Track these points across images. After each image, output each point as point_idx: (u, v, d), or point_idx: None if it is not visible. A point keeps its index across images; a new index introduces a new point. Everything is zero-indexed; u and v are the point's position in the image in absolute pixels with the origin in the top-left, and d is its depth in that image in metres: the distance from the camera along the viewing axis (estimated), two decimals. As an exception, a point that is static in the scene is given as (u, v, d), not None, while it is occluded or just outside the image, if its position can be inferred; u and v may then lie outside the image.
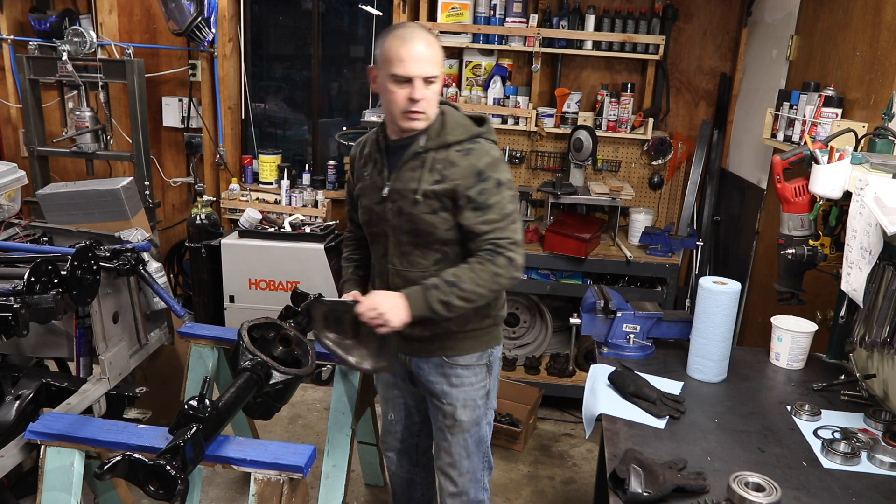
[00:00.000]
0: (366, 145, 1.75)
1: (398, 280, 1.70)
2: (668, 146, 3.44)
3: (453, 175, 1.60)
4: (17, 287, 1.78)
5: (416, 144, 1.63)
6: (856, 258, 1.53)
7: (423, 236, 1.64)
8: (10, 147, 3.84)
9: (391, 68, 1.53)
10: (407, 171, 1.63)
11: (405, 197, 1.63)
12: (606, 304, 1.95)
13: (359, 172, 1.75)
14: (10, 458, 1.76)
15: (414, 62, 1.51)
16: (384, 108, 1.63)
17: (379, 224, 1.69)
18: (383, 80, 1.57)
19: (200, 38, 3.43)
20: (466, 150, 1.62)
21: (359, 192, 1.74)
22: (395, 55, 1.52)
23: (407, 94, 1.54)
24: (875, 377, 1.75)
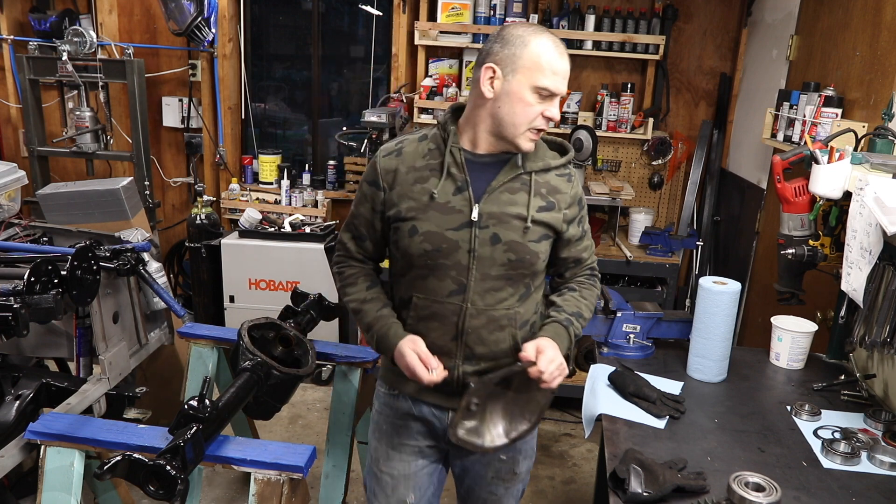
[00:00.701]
0: (416, 156, 1.40)
1: (478, 321, 1.39)
2: (668, 146, 3.44)
3: (560, 202, 1.42)
4: (17, 287, 1.78)
5: (513, 163, 1.39)
6: (856, 258, 1.53)
7: (522, 268, 1.39)
8: (10, 147, 3.84)
9: (539, 78, 1.29)
10: (505, 192, 1.37)
11: (505, 222, 1.36)
12: (606, 304, 1.95)
13: (403, 189, 1.38)
14: (10, 458, 1.76)
15: (564, 79, 1.33)
16: (495, 118, 1.35)
17: (453, 254, 1.36)
18: (518, 87, 1.31)
19: (200, 38, 3.43)
20: (567, 175, 1.45)
21: (407, 215, 1.37)
22: (548, 65, 1.29)
23: (545, 110, 1.33)
24: (875, 377, 1.75)
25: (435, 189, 1.36)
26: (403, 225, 1.38)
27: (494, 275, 1.38)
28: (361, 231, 1.47)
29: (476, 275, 1.37)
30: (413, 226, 1.37)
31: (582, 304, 1.47)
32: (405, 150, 1.42)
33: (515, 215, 1.37)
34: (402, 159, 1.41)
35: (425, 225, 1.36)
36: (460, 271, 1.37)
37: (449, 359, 1.40)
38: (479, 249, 1.36)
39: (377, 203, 1.42)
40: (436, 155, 1.39)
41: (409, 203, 1.37)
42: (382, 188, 1.41)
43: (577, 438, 3.16)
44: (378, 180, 1.41)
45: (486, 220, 1.36)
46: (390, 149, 1.44)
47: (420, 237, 1.36)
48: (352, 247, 1.50)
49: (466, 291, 1.38)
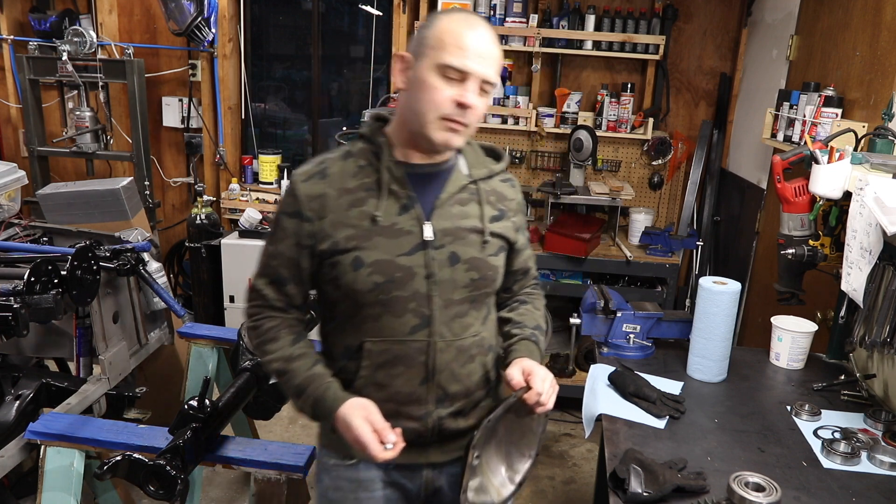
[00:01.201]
0: (345, 176, 1.20)
1: (448, 355, 1.22)
2: (668, 146, 3.44)
3: (509, 210, 1.29)
4: (18, 287, 1.78)
5: (458, 172, 1.24)
6: (856, 258, 1.53)
7: (485, 286, 1.24)
8: (10, 147, 3.84)
9: (443, 55, 1.11)
10: (455, 204, 1.22)
11: (461, 238, 1.21)
12: (606, 304, 1.95)
13: (336, 216, 1.18)
14: (10, 458, 1.76)
15: (477, 56, 1.12)
16: (406, 111, 1.19)
17: (409, 283, 1.17)
18: (423, 71, 1.13)
19: (200, 38, 3.43)
20: (509, 180, 1.33)
21: (347, 245, 1.17)
22: (453, 40, 1.11)
23: (455, 94, 1.12)
24: (875, 377, 1.75)
25: (376, 211, 1.17)
26: (344, 258, 1.17)
27: (458, 299, 1.21)
28: (282, 274, 1.22)
29: (439, 302, 1.19)
30: (356, 257, 1.16)
31: (538, 316, 1.36)
32: (330, 170, 1.21)
33: (471, 229, 1.22)
34: (328, 182, 1.20)
35: (371, 254, 1.16)
36: (421, 301, 1.18)
37: (419, 406, 1.22)
38: (438, 273, 1.18)
39: (303, 237, 1.19)
40: (369, 172, 1.20)
41: (348, 231, 1.17)
42: (308, 219, 1.18)
43: (577, 438, 3.16)
44: (301, 210, 1.18)
45: (440, 238, 1.19)
46: (310, 171, 1.21)
47: (367, 269, 1.16)
48: (270, 294, 1.24)
49: (432, 324, 1.19)
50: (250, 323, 1.27)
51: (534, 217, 3.54)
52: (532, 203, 3.51)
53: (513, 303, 1.38)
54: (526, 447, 1.25)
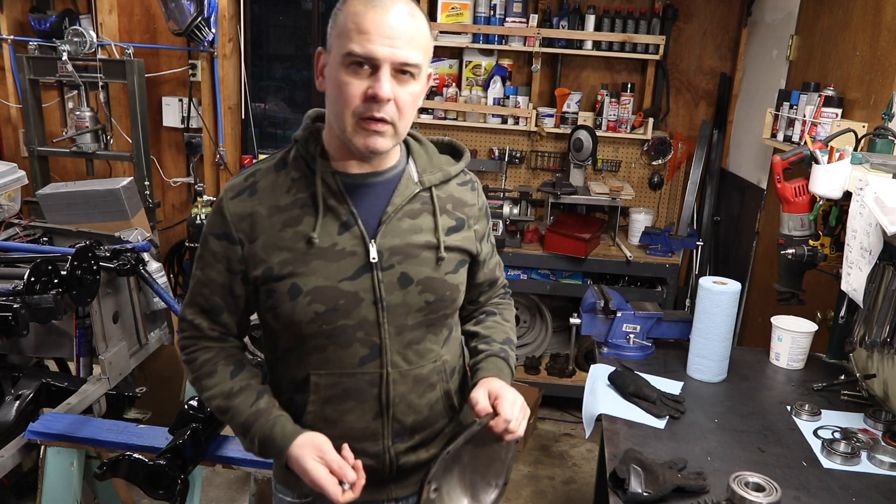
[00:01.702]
0: (277, 191, 1.06)
1: (404, 387, 1.11)
2: (668, 146, 3.44)
3: (469, 218, 1.16)
4: (18, 287, 1.78)
5: (406, 179, 1.09)
6: (856, 258, 1.53)
7: (443, 308, 1.11)
8: (11, 147, 3.85)
9: (346, 44, 0.96)
10: (405, 218, 1.08)
11: (412, 256, 1.08)
12: (606, 304, 1.95)
13: (269, 238, 1.05)
14: (10, 458, 1.76)
15: (383, 37, 0.95)
16: (328, 115, 1.05)
17: (355, 310, 1.05)
18: (332, 67, 0.99)
19: (200, 38, 3.43)
20: (469, 183, 1.19)
21: (282, 271, 1.04)
22: (354, 24, 0.95)
23: (365, 88, 0.96)
24: (875, 377, 1.75)
25: (313, 231, 1.03)
26: (279, 285, 1.04)
27: (412, 324, 1.09)
28: (214, 302, 1.10)
29: (390, 330, 1.07)
30: (293, 284, 1.03)
31: (508, 329, 1.26)
32: (260, 185, 1.07)
33: (424, 245, 1.08)
34: (258, 199, 1.06)
35: (310, 280, 1.03)
36: (369, 330, 1.06)
37: (374, 442, 1.11)
38: (387, 297, 1.06)
39: (234, 262, 1.07)
40: (303, 186, 1.06)
41: (282, 255, 1.04)
42: (238, 241, 1.05)
43: (577, 438, 3.16)
44: (230, 231, 1.06)
45: (388, 257, 1.06)
46: (239, 186, 1.08)
47: (306, 297, 1.03)
48: (202, 324, 1.12)
49: (383, 353, 1.08)
50: (184, 356, 1.13)
51: (534, 217, 3.54)
52: (532, 203, 3.51)
53: (479, 314, 1.27)
54: (493, 476, 1.14)
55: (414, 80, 1.00)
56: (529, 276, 3.12)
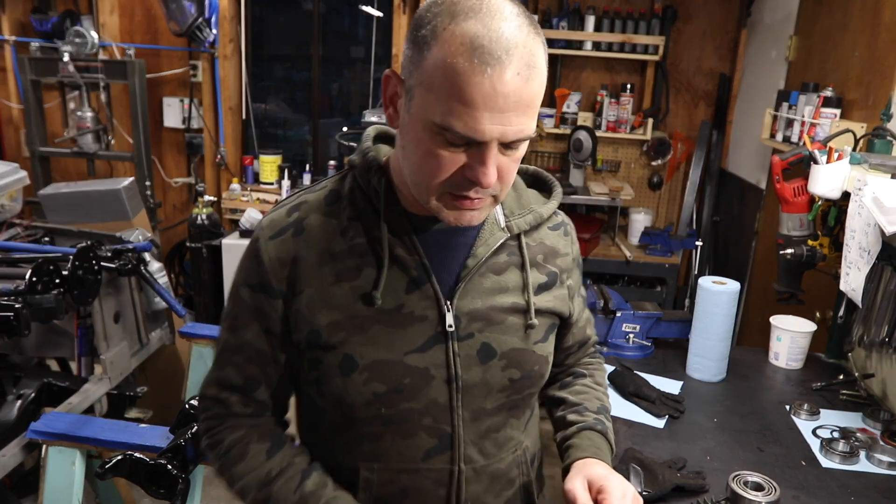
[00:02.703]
0: (329, 232, 0.85)
1: (479, 486, 0.90)
2: (668, 146, 3.44)
3: (563, 271, 0.95)
4: (19, 287, 1.79)
5: (492, 222, 0.88)
6: (854, 258, 1.54)
7: (529, 387, 0.91)
8: (12, 147, 3.85)
9: (439, 109, 0.71)
10: (488, 273, 0.87)
11: (496, 323, 0.86)
12: (606, 303, 1.95)
13: (317, 291, 0.83)
14: (11, 457, 1.77)
15: (494, 111, 0.69)
16: (402, 161, 0.80)
17: (423, 391, 0.84)
18: (414, 118, 0.74)
19: (201, 38, 3.44)
20: (561, 226, 0.98)
21: (333, 338, 0.83)
22: (453, 85, 0.69)
23: (461, 165, 0.74)
24: (874, 377, 1.75)
25: (374, 288, 0.82)
26: (328, 356, 0.83)
27: (491, 408, 0.88)
28: (250, 373, 0.87)
29: (465, 415, 0.86)
30: (346, 356, 0.82)
31: (601, 394, 1.06)
32: (307, 223, 0.84)
33: (510, 308, 0.87)
34: (305, 241, 0.84)
35: (368, 351, 0.82)
36: (439, 416, 0.85)
37: None
38: (464, 375, 0.85)
39: (274, 320, 0.85)
40: (363, 228, 0.84)
41: (333, 316, 0.82)
42: (278, 293, 0.83)
43: (577, 438, 3.16)
44: (268, 281, 0.83)
45: (466, 324, 0.85)
46: (279, 223, 0.85)
47: (362, 374, 0.82)
48: (233, 401, 0.89)
49: (455, 445, 0.86)
50: (207, 440, 0.91)
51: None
52: (532, 203, 3.52)
53: (565, 377, 1.07)
54: None
55: (523, 144, 0.76)
56: (529, 277, 3.13)
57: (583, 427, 0.97)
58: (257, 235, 0.86)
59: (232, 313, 0.88)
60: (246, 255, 0.87)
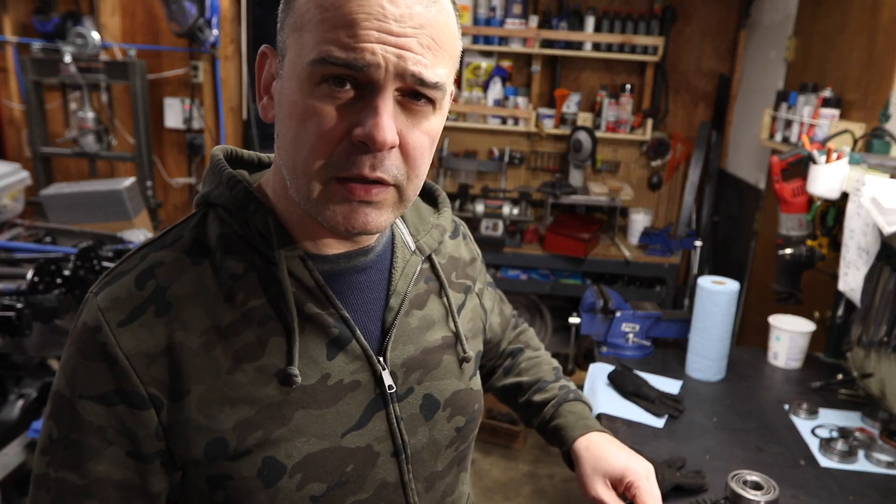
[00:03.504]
0: (210, 299, 0.62)
1: None
2: (667, 147, 3.45)
3: (472, 279, 0.83)
4: (21, 287, 1.80)
5: (401, 247, 0.73)
6: (853, 258, 1.55)
7: (473, 430, 0.78)
8: (14, 148, 3.86)
9: (315, 42, 0.56)
10: (412, 311, 0.72)
11: (433, 367, 0.73)
12: (606, 303, 1.96)
13: (213, 388, 0.61)
14: (13, 456, 1.78)
15: (384, 32, 0.55)
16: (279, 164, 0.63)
17: (369, 479, 0.68)
18: (290, 85, 0.59)
19: (202, 39, 3.45)
20: (458, 231, 0.85)
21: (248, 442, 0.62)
22: (329, 5, 0.56)
23: (347, 123, 0.57)
24: (872, 376, 1.76)
25: (290, 363, 0.63)
26: (240, 466, 0.62)
27: (442, 469, 0.74)
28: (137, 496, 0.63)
29: (419, 488, 0.72)
30: (268, 459, 0.62)
31: (547, 358, 1.01)
32: (174, 294, 0.62)
33: (442, 345, 0.74)
34: (175, 318, 0.61)
35: (296, 446, 0.63)
36: (391, 499, 0.70)
37: None
38: (411, 440, 0.70)
39: (142, 438, 0.61)
40: (254, 286, 0.64)
41: (240, 412, 0.62)
42: (148, 400, 0.60)
43: (577, 438, 3.17)
44: (129, 386, 0.60)
45: (404, 379, 0.70)
46: (131, 301, 0.61)
47: (294, 477, 0.63)
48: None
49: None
50: None
51: (533, 217, 3.55)
52: (531, 203, 3.52)
53: (503, 362, 0.98)
54: None
55: (434, 110, 0.60)
56: (529, 277, 3.14)
57: (556, 403, 0.91)
58: (97, 322, 0.60)
59: (67, 441, 0.61)
60: (79, 353, 0.60)
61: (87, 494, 0.61)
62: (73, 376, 0.61)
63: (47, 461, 0.62)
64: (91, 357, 0.60)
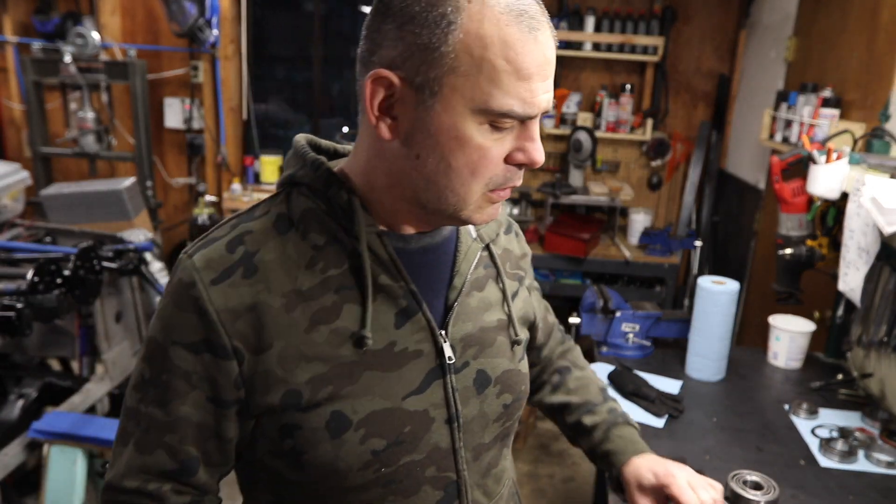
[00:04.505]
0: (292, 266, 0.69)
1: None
2: (667, 147, 3.45)
3: (522, 270, 0.89)
4: (21, 287, 1.80)
5: (465, 238, 0.79)
6: (853, 258, 1.55)
7: (518, 410, 0.83)
8: (14, 148, 3.86)
9: (492, 90, 0.62)
10: (473, 291, 0.78)
11: (488, 345, 0.78)
12: (605, 303, 1.96)
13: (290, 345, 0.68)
14: (13, 456, 1.78)
15: (545, 77, 0.64)
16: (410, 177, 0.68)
17: (424, 439, 0.73)
18: (450, 120, 0.63)
19: (202, 39, 3.45)
20: (511, 228, 0.91)
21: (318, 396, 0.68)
22: (506, 57, 0.61)
23: (513, 150, 0.66)
24: (872, 376, 1.76)
25: (362, 326, 0.69)
26: (310, 418, 0.68)
27: (488, 441, 0.79)
28: (186, 455, 0.70)
29: (467, 457, 0.76)
30: (336, 413, 0.68)
31: (593, 377, 1.05)
32: (261, 259, 0.68)
33: (496, 326, 0.80)
34: (261, 281, 0.68)
35: (362, 403, 0.69)
36: (443, 463, 0.74)
37: None
38: (463, 410, 0.75)
39: (223, 386, 0.68)
40: (335, 256, 0.70)
41: (314, 369, 0.68)
42: (233, 352, 0.67)
43: (577, 438, 3.17)
44: (218, 338, 0.67)
45: (461, 353, 0.76)
46: (222, 263, 0.68)
47: (358, 431, 0.69)
48: (164, 491, 0.71)
49: (462, 493, 0.77)
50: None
51: (533, 217, 3.55)
52: (531, 203, 3.53)
53: (550, 376, 1.02)
54: None
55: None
56: (529, 277, 3.14)
57: (606, 427, 0.96)
58: (191, 279, 0.66)
59: (157, 381, 0.69)
60: (175, 305, 0.67)
61: (169, 430, 0.69)
62: (167, 325, 0.68)
63: (139, 398, 0.70)
64: (184, 309, 0.67)
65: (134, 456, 0.71)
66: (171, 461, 0.70)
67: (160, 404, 0.69)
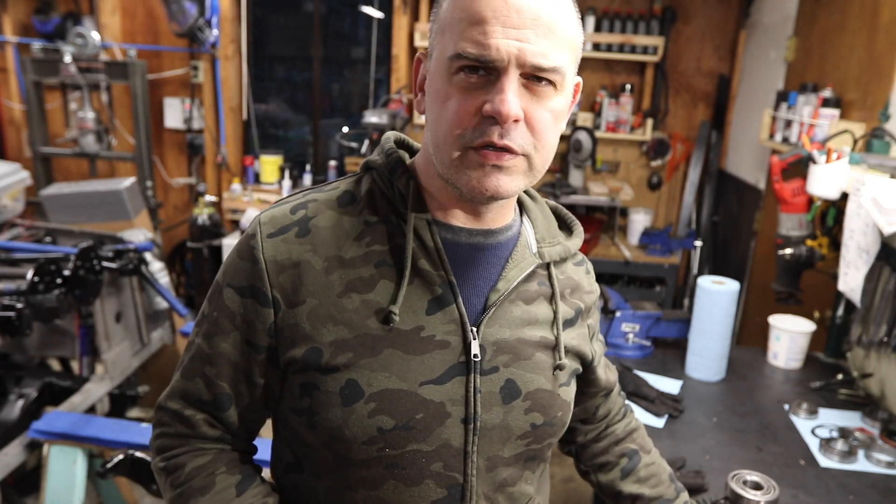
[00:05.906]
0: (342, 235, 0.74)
1: None
2: (667, 147, 3.45)
3: (585, 306, 0.86)
4: (21, 287, 1.80)
5: (523, 245, 0.79)
6: (853, 258, 1.55)
7: (550, 436, 0.80)
8: (14, 148, 3.86)
9: (452, 41, 0.67)
10: (518, 301, 0.77)
11: (524, 357, 0.76)
12: (605, 303, 1.96)
13: (321, 304, 0.72)
14: (13, 456, 1.78)
15: (508, 27, 0.64)
16: (428, 144, 0.73)
17: (435, 431, 0.72)
18: (434, 78, 0.69)
19: (202, 39, 3.45)
20: (584, 263, 0.89)
21: (336, 359, 0.71)
22: (463, 10, 0.66)
23: (478, 103, 0.66)
24: (872, 376, 1.76)
25: (392, 303, 0.71)
26: (327, 380, 0.71)
27: (508, 456, 0.76)
28: (220, 390, 0.75)
29: (479, 463, 0.75)
30: (350, 381, 0.70)
31: (661, 462, 0.99)
32: (316, 223, 0.73)
33: (538, 343, 0.77)
34: (311, 242, 0.72)
35: (378, 378, 0.70)
36: (451, 462, 0.73)
37: None
38: (483, 415, 0.74)
39: (258, 332, 0.73)
40: (382, 235, 0.74)
41: (339, 332, 0.71)
42: (272, 301, 0.72)
43: (577, 438, 3.17)
44: (262, 285, 0.72)
45: (492, 356, 0.74)
46: (282, 220, 0.74)
47: (369, 404, 0.70)
48: (196, 417, 0.76)
49: (466, 499, 0.75)
50: (161, 462, 0.77)
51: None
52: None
53: (614, 452, 0.96)
54: None
55: (555, 90, 0.68)
56: (529, 277, 3.14)
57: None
58: (253, 231, 0.74)
59: (210, 317, 0.75)
60: (237, 252, 0.75)
61: (209, 362, 0.75)
62: (227, 268, 0.76)
63: (196, 330, 0.78)
64: (242, 256, 0.74)
65: (179, 380, 0.78)
66: (207, 392, 0.76)
67: (206, 337, 0.76)
